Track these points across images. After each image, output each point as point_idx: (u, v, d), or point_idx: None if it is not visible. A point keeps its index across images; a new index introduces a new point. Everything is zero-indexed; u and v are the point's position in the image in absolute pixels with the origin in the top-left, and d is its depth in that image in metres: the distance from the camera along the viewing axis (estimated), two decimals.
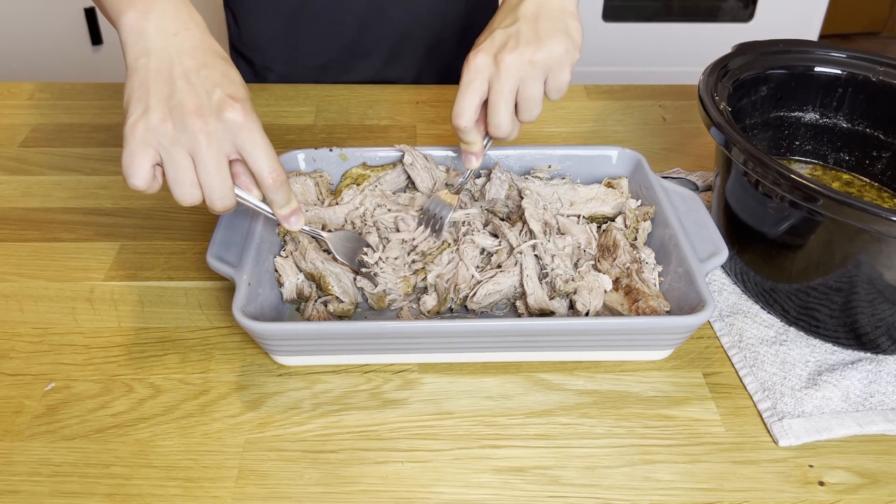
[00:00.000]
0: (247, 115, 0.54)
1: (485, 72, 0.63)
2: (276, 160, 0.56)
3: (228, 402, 0.59)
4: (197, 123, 0.52)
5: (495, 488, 0.53)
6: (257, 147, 0.54)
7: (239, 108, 0.53)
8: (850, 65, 0.73)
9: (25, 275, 0.70)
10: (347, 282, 0.64)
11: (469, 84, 0.63)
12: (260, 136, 0.54)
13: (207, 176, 0.53)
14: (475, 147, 0.68)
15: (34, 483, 0.53)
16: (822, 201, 0.54)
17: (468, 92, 0.63)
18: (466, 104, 0.64)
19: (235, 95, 0.54)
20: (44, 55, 2.07)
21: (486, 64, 0.63)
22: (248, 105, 0.54)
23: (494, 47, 0.63)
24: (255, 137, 0.54)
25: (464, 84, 0.63)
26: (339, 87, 1.02)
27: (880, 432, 0.57)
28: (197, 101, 0.52)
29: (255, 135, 0.54)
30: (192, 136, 0.52)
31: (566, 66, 0.63)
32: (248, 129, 0.54)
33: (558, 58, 0.63)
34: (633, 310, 0.61)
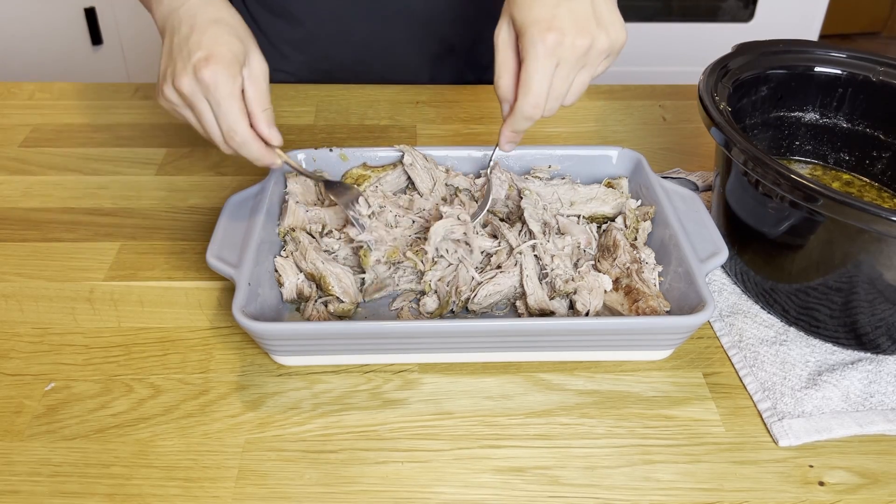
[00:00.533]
0: (216, 74, 0.58)
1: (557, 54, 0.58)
2: (237, 119, 0.60)
3: (228, 402, 0.59)
4: (182, 86, 0.59)
5: (495, 488, 0.53)
6: (218, 107, 0.60)
7: (209, 69, 0.58)
8: (850, 65, 0.73)
9: (25, 275, 0.70)
10: (348, 282, 0.64)
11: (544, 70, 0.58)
12: (221, 97, 0.59)
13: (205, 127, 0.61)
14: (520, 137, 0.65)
15: (34, 483, 0.53)
16: (822, 201, 0.54)
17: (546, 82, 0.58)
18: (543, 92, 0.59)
19: (212, 54, 0.58)
20: (44, 55, 2.07)
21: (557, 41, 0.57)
22: (221, 64, 0.58)
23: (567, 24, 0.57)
24: (216, 97, 0.59)
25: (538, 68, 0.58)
26: (339, 87, 1.02)
27: (880, 432, 0.57)
28: (183, 67, 0.59)
29: (217, 95, 0.59)
30: (185, 99, 0.60)
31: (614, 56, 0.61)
32: (214, 89, 0.59)
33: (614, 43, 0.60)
34: (633, 310, 0.61)
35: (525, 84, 0.59)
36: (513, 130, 0.63)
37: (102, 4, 2.03)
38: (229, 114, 0.60)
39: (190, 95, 0.59)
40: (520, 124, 0.62)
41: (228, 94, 0.59)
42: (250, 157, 0.63)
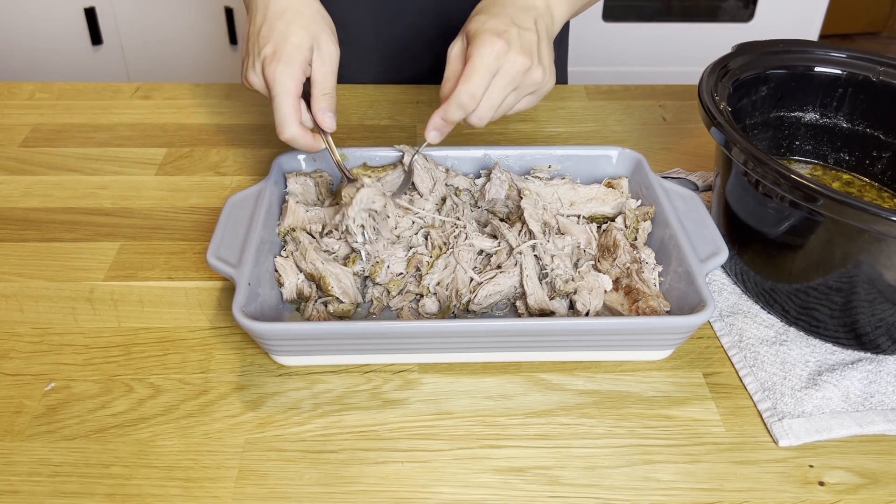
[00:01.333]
0: (276, 73, 0.64)
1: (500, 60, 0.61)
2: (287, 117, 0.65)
3: (228, 402, 0.59)
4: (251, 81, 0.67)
5: (495, 488, 0.53)
6: (273, 102, 0.65)
7: (272, 67, 0.64)
8: (851, 65, 0.73)
9: (25, 275, 0.70)
10: (348, 282, 0.64)
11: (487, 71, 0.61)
12: (277, 95, 0.64)
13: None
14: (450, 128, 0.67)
15: (34, 483, 0.53)
16: (822, 201, 0.54)
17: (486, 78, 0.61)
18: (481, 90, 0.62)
19: (277, 52, 0.65)
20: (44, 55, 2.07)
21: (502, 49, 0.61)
22: (283, 61, 0.64)
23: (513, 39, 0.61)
24: (273, 94, 0.65)
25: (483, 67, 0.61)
26: (340, 87, 1.02)
27: (880, 432, 0.57)
28: (252, 62, 0.67)
29: (273, 92, 0.65)
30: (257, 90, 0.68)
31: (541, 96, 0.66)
32: (272, 87, 0.65)
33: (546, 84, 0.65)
34: (633, 310, 0.61)
35: (466, 74, 0.61)
36: (443, 118, 0.64)
37: (102, 4, 2.03)
38: (280, 110, 0.65)
39: (260, 90, 0.67)
40: (452, 112, 0.63)
41: (284, 92, 0.64)
42: (298, 147, 0.68)
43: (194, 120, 0.95)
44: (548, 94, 0.68)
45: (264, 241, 0.65)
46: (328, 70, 0.67)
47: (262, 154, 0.88)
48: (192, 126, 0.94)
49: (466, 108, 0.62)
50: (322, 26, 0.68)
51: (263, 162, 0.87)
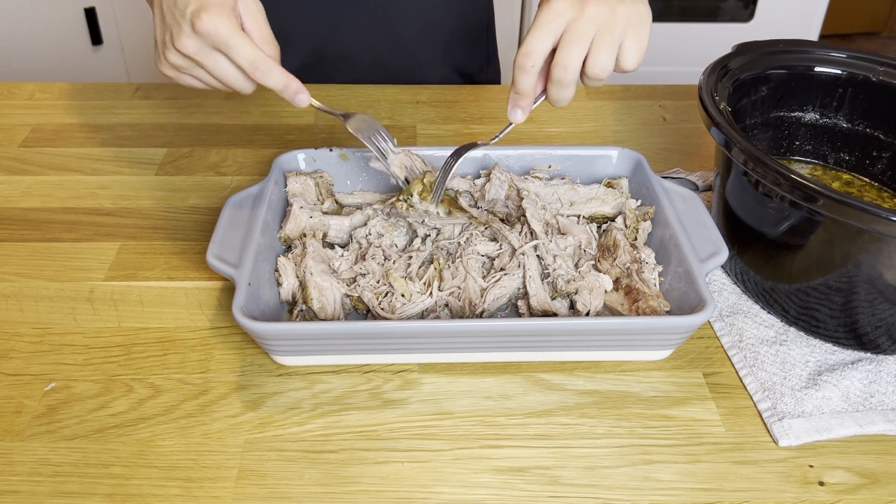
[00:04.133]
0: (212, 19, 0.57)
1: (566, 15, 0.57)
2: (253, 51, 0.59)
3: (228, 402, 0.59)
4: (184, 47, 0.58)
5: (495, 488, 0.53)
6: (229, 48, 0.58)
7: (204, 17, 0.57)
8: (850, 65, 0.73)
9: (25, 275, 0.70)
10: (330, 298, 0.63)
11: (547, 23, 0.58)
12: (229, 36, 0.57)
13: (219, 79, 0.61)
14: (527, 99, 0.61)
15: (34, 483, 0.53)
16: (822, 201, 0.54)
17: (543, 31, 0.58)
18: (540, 43, 0.58)
19: (202, 5, 0.57)
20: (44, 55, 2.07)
21: (568, 7, 0.57)
22: (213, 10, 0.57)
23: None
24: (223, 39, 0.58)
25: (539, 23, 0.58)
26: (340, 87, 1.02)
27: (880, 432, 0.57)
28: (178, 28, 0.58)
29: (222, 37, 0.57)
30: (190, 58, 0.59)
31: (647, 26, 0.59)
32: (217, 33, 0.57)
33: (641, 14, 0.58)
34: (633, 310, 0.61)
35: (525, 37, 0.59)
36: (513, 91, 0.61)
37: (102, 4, 2.03)
38: (243, 48, 0.58)
39: (195, 52, 0.59)
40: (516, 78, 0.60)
41: (232, 31, 0.58)
42: (277, 84, 0.61)
43: (194, 120, 0.95)
44: None
45: (264, 241, 0.65)
46: (260, 19, 0.61)
47: (262, 154, 0.88)
48: (192, 126, 0.94)
49: (524, 66, 0.59)
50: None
51: (263, 162, 0.87)
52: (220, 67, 0.60)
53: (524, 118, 0.63)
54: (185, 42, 0.58)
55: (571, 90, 0.60)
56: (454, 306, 0.64)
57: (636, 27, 0.58)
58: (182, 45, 0.58)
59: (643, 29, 0.59)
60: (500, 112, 0.97)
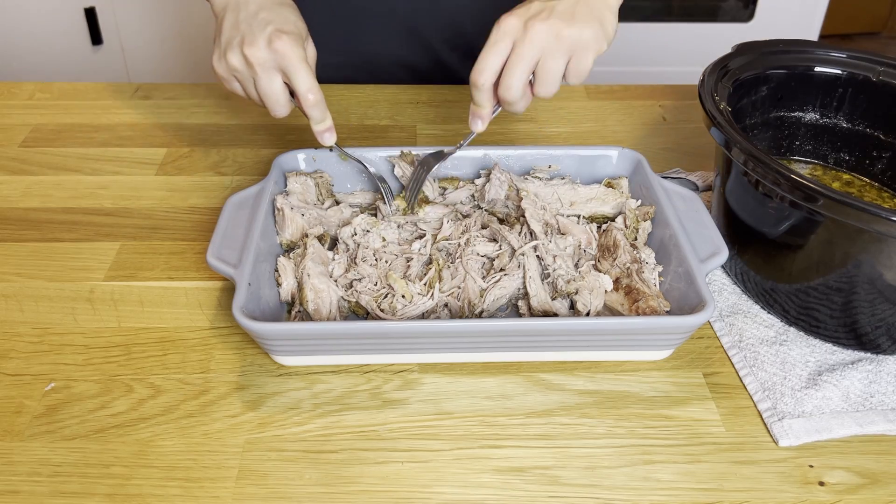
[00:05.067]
0: (291, 45, 0.63)
1: (512, 34, 0.62)
2: (313, 82, 0.65)
3: (228, 402, 0.59)
4: (254, 55, 0.64)
5: (495, 488, 0.53)
6: (297, 72, 0.64)
7: (285, 39, 0.63)
8: (851, 65, 0.73)
9: (25, 275, 0.70)
10: (326, 301, 0.63)
11: (495, 44, 0.62)
12: (299, 62, 0.64)
13: (263, 94, 0.66)
14: (484, 110, 0.66)
15: (34, 483, 0.53)
16: (822, 201, 0.54)
17: (492, 51, 0.62)
18: (488, 62, 0.62)
19: (283, 29, 0.64)
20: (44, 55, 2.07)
21: (514, 27, 0.61)
22: (293, 37, 0.64)
23: (527, 14, 0.62)
24: (294, 63, 0.64)
25: (490, 43, 0.62)
26: (340, 87, 1.02)
27: (880, 432, 0.57)
28: (252, 38, 0.64)
29: (294, 61, 0.64)
30: (252, 66, 0.64)
31: (591, 52, 0.62)
32: (289, 57, 0.64)
33: (586, 41, 0.62)
34: (633, 310, 0.61)
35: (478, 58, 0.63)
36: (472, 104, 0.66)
37: (102, 4, 2.03)
38: (305, 75, 0.64)
39: (259, 64, 0.64)
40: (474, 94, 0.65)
41: (303, 60, 0.64)
42: (319, 116, 0.67)
43: (194, 120, 0.95)
44: None
45: (264, 241, 0.65)
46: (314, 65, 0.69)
47: (262, 154, 0.88)
48: (192, 126, 0.94)
49: (476, 83, 0.63)
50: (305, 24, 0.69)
51: (263, 162, 0.87)
52: (273, 85, 0.65)
53: (484, 127, 0.67)
54: (255, 52, 0.64)
55: (520, 104, 0.64)
56: (454, 307, 0.64)
57: (580, 54, 0.62)
58: (252, 53, 0.64)
59: (587, 55, 0.62)
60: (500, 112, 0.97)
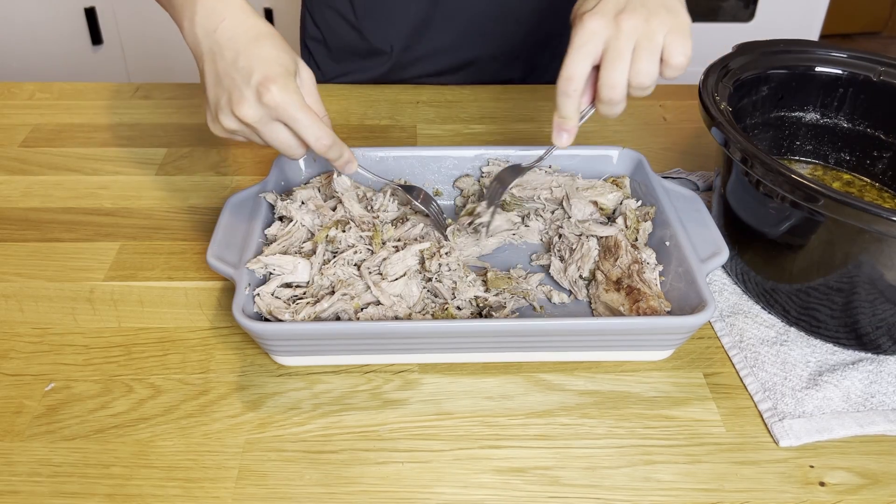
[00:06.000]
0: (282, 93, 0.57)
1: (602, 34, 0.57)
2: (318, 129, 0.60)
3: (228, 402, 0.59)
4: (246, 115, 0.58)
5: (495, 489, 0.53)
6: (298, 123, 0.59)
7: (273, 90, 0.57)
8: (851, 65, 0.73)
9: (25, 275, 0.70)
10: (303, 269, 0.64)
11: (582, 46, 0.57)
12: (297, 112, 0.58)
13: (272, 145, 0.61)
14: (570, 122, 0.60)
15: (34, 483, 0.52)
16: (822, 201, 0.54)
17: (580, 54, 0.57)
18: (578, 67, 0.57)
19: (269, 75, 0.57)
20: (44, 55, 2.08)
21: (603, 26, 0.56)
22: (282, 83, 0.57)
23: (612, 9, 0.57)
24: (292, 114, 0.58)
25: (576, 45, 0.57)
26: (340, 87, 1.02)
27: (881, 433, 0.57)
28: (240, 96, 0.58)
29: (291, 112, 0.58)
30: (249, 126, 0.59)
31: (687, 38, 0.57)
32: (285, 108, 0.58)
33: (681, 23, 0.57)
34: (633, 310, 0.61)
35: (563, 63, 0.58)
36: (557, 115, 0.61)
37: (102, 4, 2.03)
38: (312, 125, 0.59)
39: (257, 122, 0.58)
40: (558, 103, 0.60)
41: (301, 107, 0.58)
42: (336, 156, 0.62)
43: (194, 120, 0.95)
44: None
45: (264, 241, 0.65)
46: (315, 93, 0.63)
47: (262, 154, 0.88)
48: (192, 126, 0.94)
49: (565, 91, 0.58)
50: (292, 49, 0.62)
51: (263, 162, 0.87)
52: (279, 137, 0.60)
53: (570, 142, 0.62)
54: (247, 111, 0.58)
55: (622, 106, 0.59)
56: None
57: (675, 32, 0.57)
58: (243, 113, 0.58)
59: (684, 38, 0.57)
60: (500, 112, 0.97)
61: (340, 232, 0.66)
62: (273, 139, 0.60)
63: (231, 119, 0.59)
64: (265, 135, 0.59)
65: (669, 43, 0.57)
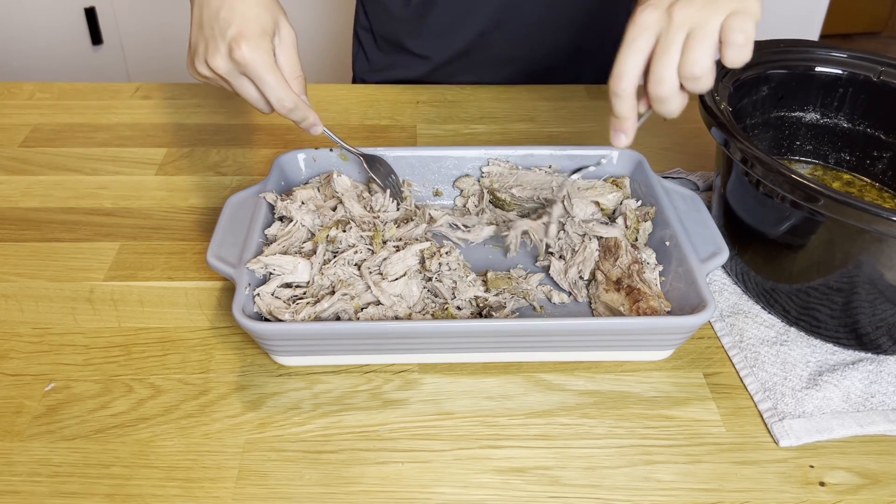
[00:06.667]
0: (252, 51, 0.59)
1: (653, 28, 0.54)
2: (282, 90, 0.62)
3: (228, 402, 0.59)
4: (217, 66, 0.61)
5: (496, 489, 0.53)
6: (262, 82, 0.61)
7: (244, 47, 0.59)
8: (851, 65, 0.73)
9: (25, 275, 0.70)
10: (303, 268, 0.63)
11: (633, 41, 0.54)
12: (263, 71, 0.60)
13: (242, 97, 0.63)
14: (628, 122, 0.57)
15: (34, 483, 0.52)
16: (822, 201, 0.54)
17: (631, 50, 0.54)
18: (628, 64, 0.55)
19: (244, 31, 0.59)
20: (44, 55, 2.08)
21: (656, 19, 0.54)
22: (254, 41, 0.60)
23: (665, 2, 0.54)
24: (258, 73, 0.60)
25: (627, 41, 0.55)
26: (340, 87, 1.02)
27: (881, 433, 0.57)
28: (214, 46, 0.61)
29: (257, 71, 0.60)
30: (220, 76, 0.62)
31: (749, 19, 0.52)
32: (252, 67, 0.60)
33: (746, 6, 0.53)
34: (633, 310, 0.61)
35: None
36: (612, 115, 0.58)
37: (102, 4, 2.03)
38: (275, 87, 0.61)
39: (226, 74, 0.61)
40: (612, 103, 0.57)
41: (269, 68, 0.61)
42: (299, 118, 0.65)
43: (194, 120, 0.95)
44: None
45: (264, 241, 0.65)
46: (293, 53, 0.64)
47: (262, 154, 0.88)
48: (192, 126, 0.94)
49: (616, 91, 0.56)
50: (278, 8, 0.64)
51: (263, 162, 0.87)
52: (246, 91, 0.63)
53: (629, 142, 0.59)
54: (218, 63, 0.60)
55: (676, 102, 0.55)
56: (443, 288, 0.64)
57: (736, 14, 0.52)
58: (215, 65, 0.61)
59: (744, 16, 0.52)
60: (500, 112, 0.97)
61: (341, 232, 0.66)
62: (241, 92, 0.63)
63: (204, 67, 0.62)
64: (234, 87, 0.62)
65: (728, 23, 0.52)
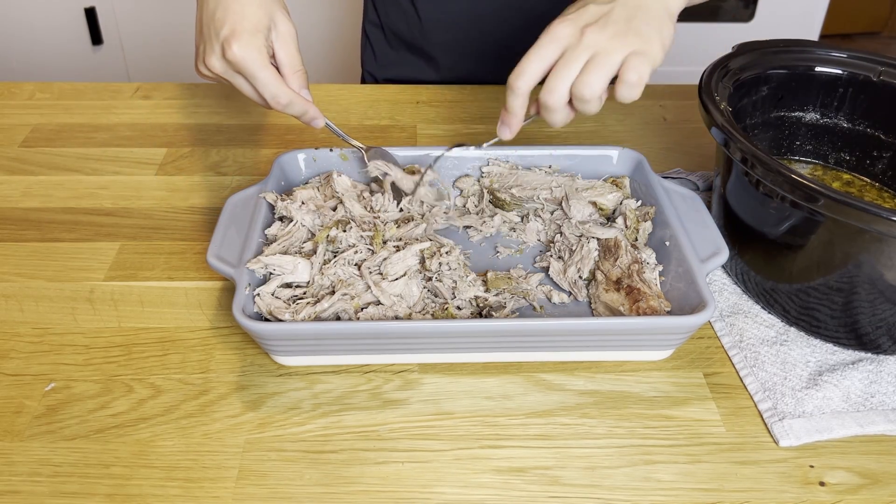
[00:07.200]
0: (242, 50, 0.61)
1: (563, 41, 0.57)
2: (276, 87, 0.63)
3: (228, 402, 0.59)
4: (213, 67, 0.63)
5: (496, 489, 0.53)
6: (255, 80, 0.62)
7: (234, 47, 0.60)
8: (851, 65, 0.73)
9: (25, 275, 0.70)
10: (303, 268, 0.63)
11: (541, 48, 0.58)
12: (256, 69, 0.61)
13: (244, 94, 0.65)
14: (515, 118, 0.62)
15: (34, 483, 0.52)
16: (822, 201, 0.54)
17: (537, 55, 0.58)
18: (530, 67, 0.58)
19: (235, 31, 0.61)
20: (44, 55, 2.07)
21: (568, 34, 0.57)
22: (246, 39, 0.61)
23: (582, 21, 0.57)
24: (251, 71, 0.62)
25: (536, 46, 0.58)
26: (339, 87, 1.02)
27: (881, 433, 0.57)
28: (210, 46, 0.62)
29: (250, 69, 0.61)
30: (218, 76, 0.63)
31: (647, 63, 0.57)
32: (244, 65, 0.61)
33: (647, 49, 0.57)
34: (633, 310, 0.61)
35: None
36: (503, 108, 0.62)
37: (102, 4, 2.03)
38: (268, 83, 0.62)
39: (223, 73, 0.63)
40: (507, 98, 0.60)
41: (260, 66, 0.62)
42: (299, 113, 0.66)
43: (194, 120, 0.95)
44: None
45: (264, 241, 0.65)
46: (291, 48, 0.65)
47: (262, 154, 0.88)
48: (192, 126, 0.94)
49: (513, 87, 0.59)
50: (275, 4, 0.64)
51: (263, 162, 0.87)
52: (244, 89, 0.64)
53: (511, 136, 0.63)
54: (213, 63, 0.62)
55: (560, 115, 0.60)
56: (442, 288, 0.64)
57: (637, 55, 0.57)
58: (211, 65, 0.63)
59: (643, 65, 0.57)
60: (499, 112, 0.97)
61: (341, 232, 0.66)
62: (240, 90, 0.64)
63: (204, 67, 0.64)
64: (234, 85, 0.64)
65: (628, 61, 0.57)
